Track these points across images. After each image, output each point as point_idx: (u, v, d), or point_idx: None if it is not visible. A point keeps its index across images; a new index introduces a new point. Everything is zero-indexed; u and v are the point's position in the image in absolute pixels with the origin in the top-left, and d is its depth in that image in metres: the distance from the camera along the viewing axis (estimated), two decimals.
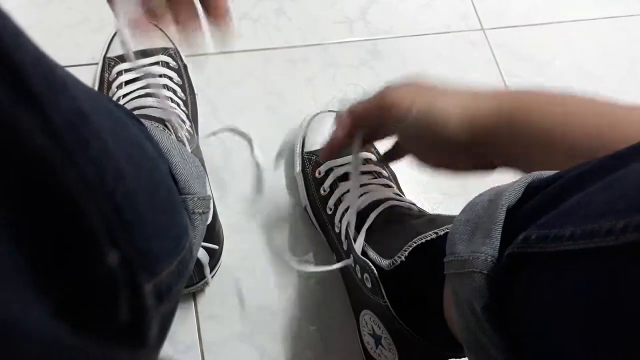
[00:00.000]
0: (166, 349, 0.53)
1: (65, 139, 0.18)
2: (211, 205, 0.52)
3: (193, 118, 0.60)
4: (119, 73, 0.58)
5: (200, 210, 0.35)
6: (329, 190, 0.56)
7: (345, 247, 0.52)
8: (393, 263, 0.44)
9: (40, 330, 0.17)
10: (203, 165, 0.58)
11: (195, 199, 0.34)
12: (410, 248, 0.43)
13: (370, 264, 0.46)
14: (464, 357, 0.38)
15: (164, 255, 0.25)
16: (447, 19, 0.80)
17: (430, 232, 0.43)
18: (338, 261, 0.55)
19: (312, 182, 0.58)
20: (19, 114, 0.17)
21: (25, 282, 0.17)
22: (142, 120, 0.34)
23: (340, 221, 0.53)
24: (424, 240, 0.43)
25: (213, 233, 0.54)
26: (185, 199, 0.33)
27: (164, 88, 0.57)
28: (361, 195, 0.52)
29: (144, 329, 0.22)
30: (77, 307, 0.19)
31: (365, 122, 0.47)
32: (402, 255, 0.43)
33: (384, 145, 0.53)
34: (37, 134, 0.17)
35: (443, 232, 0.43)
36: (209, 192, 0.38)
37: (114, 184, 0.21)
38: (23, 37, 0.18)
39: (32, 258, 0.17)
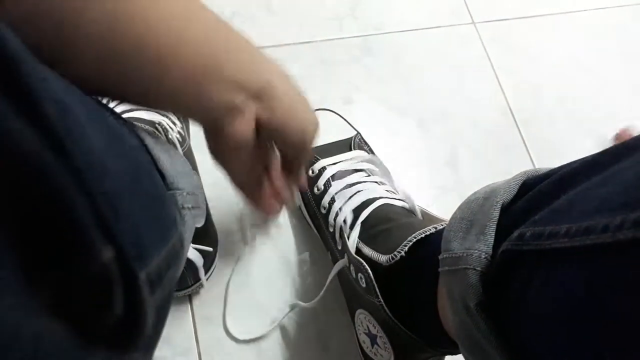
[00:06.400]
0: (164, 352, 0.52)
1: (54, 132, 0.18)
2: (202, 202, 0.51)
3: (184, 120, 0.59)
4: None
5: (190, 205, 0.35)
6: (322, 188, 0.55)
7: (339, 247, 0.52)
8: (392, 258, 0.43)
9: (32, 331, 0.16)
10: (195, 167, 0.58)
11: (184, 193, 0.34)
12: (411, 243, 0.43)
13: (365, 263, 0.46)
14: (459, 354, 0.37)
15: (153, 245, 0.25)
16: (438, 13, 0.79)
17: (429, 227, 0.43)
18: (333, 260, 0.55)
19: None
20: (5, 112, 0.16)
21: (15, 284, 0.16)
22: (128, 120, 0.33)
23: (334, 220, 0.53)
24: (423, 235, 0.43)
25: (207, 236, 0.53)
26: (174, 194, 0.33)
27: None
28: (354, 194, 0.52)
29: (141, 319, 0.22)
30: (71, 305, 0.18)
31: None
32: (402, 250, 0.43)
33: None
34: (26, 132, 0.16)
35: (442, 227, 0.42)
36: (198, 189, 0.38)
37: (101, 176, 0.21)
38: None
39: (22, 259, 0.16)
